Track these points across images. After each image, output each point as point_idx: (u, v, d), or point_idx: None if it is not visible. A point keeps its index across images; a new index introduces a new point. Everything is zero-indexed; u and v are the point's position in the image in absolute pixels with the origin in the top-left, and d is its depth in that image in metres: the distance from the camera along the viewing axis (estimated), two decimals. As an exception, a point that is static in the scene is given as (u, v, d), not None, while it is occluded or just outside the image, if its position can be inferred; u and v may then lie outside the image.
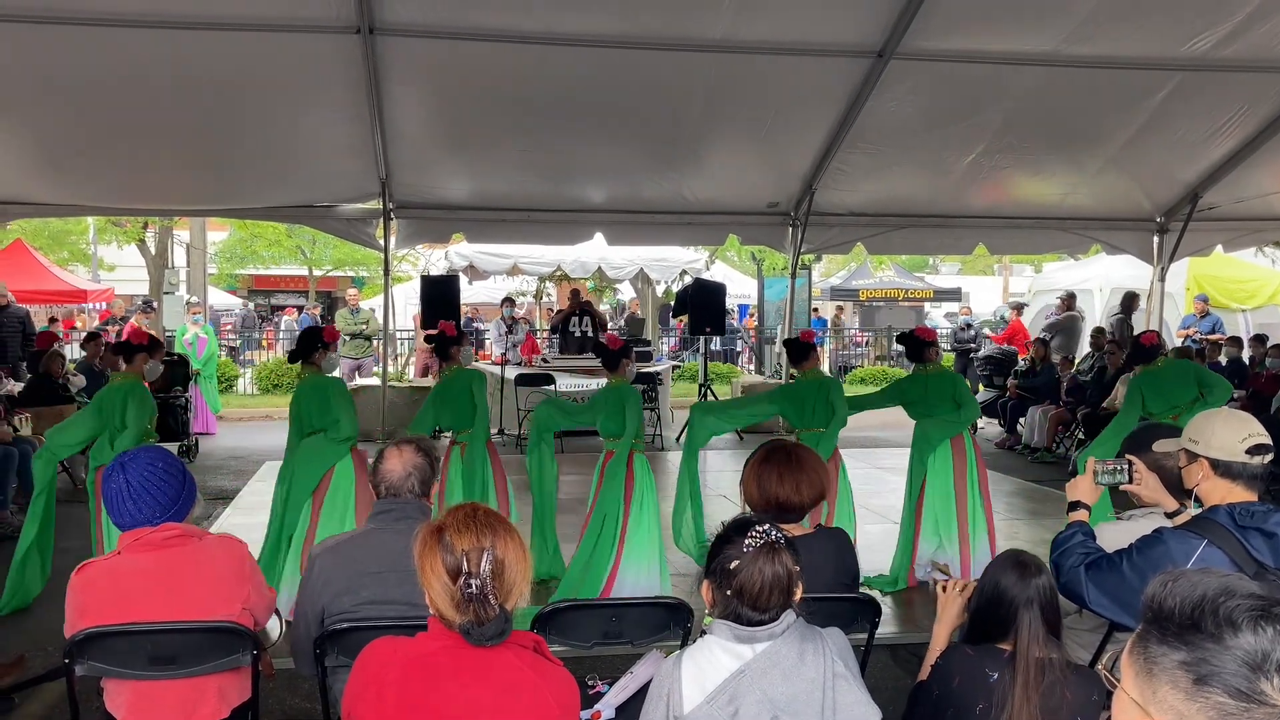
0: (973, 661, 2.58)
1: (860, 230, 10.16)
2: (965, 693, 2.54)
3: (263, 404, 15.83)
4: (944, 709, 2.58)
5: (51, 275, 17.75)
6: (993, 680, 2.51)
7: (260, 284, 34.17)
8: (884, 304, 26.72)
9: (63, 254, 22.36)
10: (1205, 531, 2.66)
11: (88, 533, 5.67)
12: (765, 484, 3.14)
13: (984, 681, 2.52)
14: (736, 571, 2.20)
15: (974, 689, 2.52)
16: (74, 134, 7.83)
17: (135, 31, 6.44)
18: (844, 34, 7.03)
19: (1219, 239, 10.79)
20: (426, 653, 2.06)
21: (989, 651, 2.59)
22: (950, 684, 2.58)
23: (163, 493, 2.84)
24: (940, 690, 2.61)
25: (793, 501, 3.11)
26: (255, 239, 25.38)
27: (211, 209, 11.19)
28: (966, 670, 2.57)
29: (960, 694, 2.54)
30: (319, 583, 2.85)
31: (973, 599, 2.75)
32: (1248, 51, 7.24)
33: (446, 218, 9.70)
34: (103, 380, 10.30)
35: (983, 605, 2.67)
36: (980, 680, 2.53)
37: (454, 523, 2.06)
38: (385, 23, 6.54)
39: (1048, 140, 8.67)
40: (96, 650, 2.75)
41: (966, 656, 2.62)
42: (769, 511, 3.10)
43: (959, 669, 2.59)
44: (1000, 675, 2.51)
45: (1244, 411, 2.91)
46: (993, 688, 2.49)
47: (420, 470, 2.96)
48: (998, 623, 2.61)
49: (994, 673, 2.52)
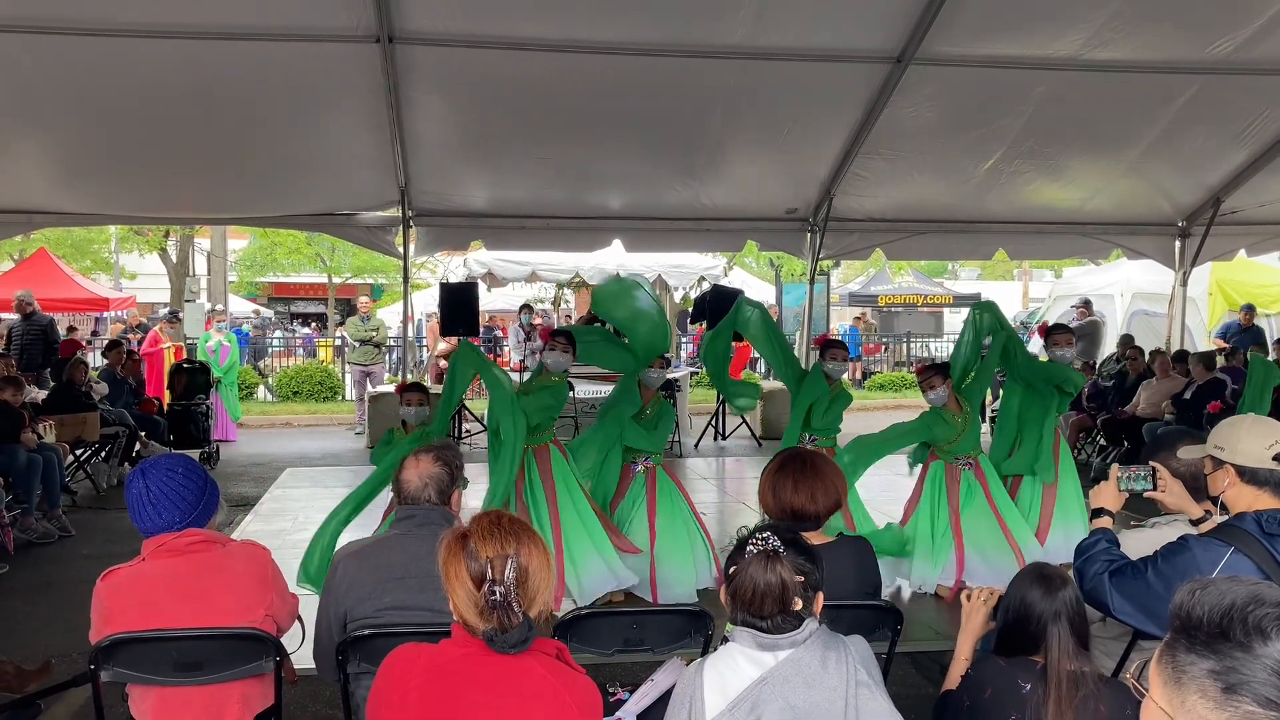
0: (1006, 673, 2.56)
1: (879, 236, 10.14)
2: (998, 704, 2.51)
3: (283, 411, 15.91)
4: (970, 717, 2.57)
5: (74, 284, 17.90)
6: (1025, 691, 2.48)
7: (280, 291, 34.39)
8: (903, 310, 26.61)
9: (85, 262, 22.57)
10: (1232, 539, 2.64)
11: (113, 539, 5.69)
12: (780, 492, 3.14)
13: (1017, 693, 2.49)
14: (734, 578, 2.22)
15: (1007, 700, 2.50)
16: (97, 144, 7.91)
17: (157, 42, 6.50)
18: (863, 39, 7.02)
19: (1242, 243, 10.72)
20: (450, 659, 2.07)
21: (1022, 663, 2.56)
22: (982, 695, 2.56)
23: (181, 499, 2.85)
24: (971, 701, 2.59)
25: (807, 510, 3.10)
26: (275, 247, 25.56)
27: (232, 217, 11.29)
28: (999, 681, 2.55)
29: (993, 705, 2.52)
30: (342, 588, 2.86)
31: (999, 616, 2.73)
32: (1270, 54, 7.20)
33: (465, 225, 9.74)
34: (125, 387, 10.41)
35: (1011, 622, 2.65)
36: (1013, 691, 2.50)
37: (479, 530, 2.07)
38: (405, 32, 6.58)
39: (1068, 145, 8.64)
40: (121, 656, 2.77)
41: (1000, 668, 2.59)
42: (785, 519, 3.09)
43: (992, 680, 2.57)
44: (1033, 686, 2.48)
45: (1271, 418, 2.89)
46: (1026, 699, 2.47)
47: (437, 480, 2.96)
48: (1027, 638, 2.58)
49: (1027, 684, 2.49)
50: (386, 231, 9.51)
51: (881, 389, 19.12)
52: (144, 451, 9.88)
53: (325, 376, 17.42)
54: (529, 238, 10.30)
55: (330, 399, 16.94)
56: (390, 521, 3.25)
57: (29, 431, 7.56)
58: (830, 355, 6.29)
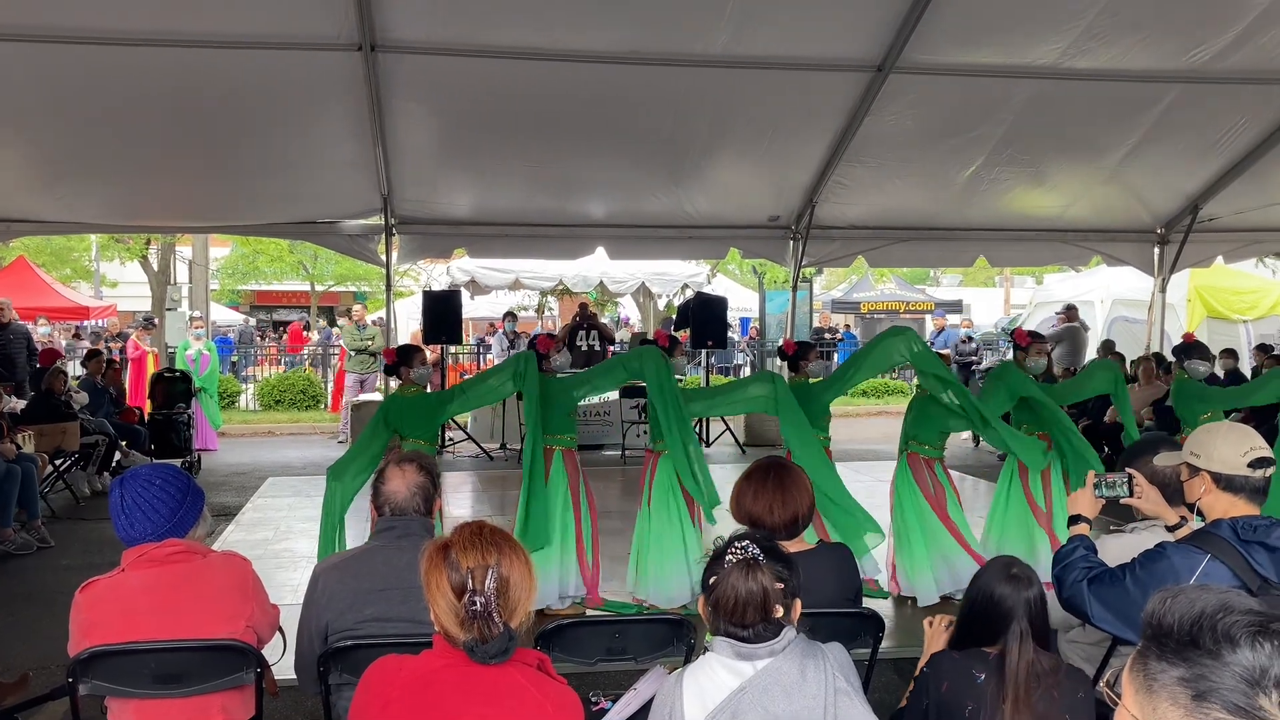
0: (959, 664, 2.62)
1: (861, 243, 10.19)
2: (953, 696, 2.56)
3: (265, 420, 15.83)
4: (934, 715, 2.60)
5: (54, 292, 17.81)
6: (980, 681, 2.54)
7: (262, 299, 34.24)
8: (885, 316, 26.74)
9: (65, 271, 22.42)
10: (1208, 546, 2.66)
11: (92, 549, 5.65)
12: (743, 499, 3.18)
13: (972, 683, 2.56)
14: (714, 587, 2.22)
15: (962, 691, 2.56)
16: (77, 152, 7.87)
17: (139, 50, 6.48)
18: (844, 48, 7.06)
19: (1220, 250, 10.81)
20: (430, 670, 2.07)
21: (975, 654, 2.63)
22: (939, 689, 2.61)
23: (155, 510, 2.82)
24: (930, 697, 2.64)
25: (765, 520, 3.11)
26: (257, 255, 25.44)
27: (214, 225, 11.24)
28: (954, 674, 2.60)
29: (948, 698, 2.57)
30: (322, 600, 2.85)
31: (963, 604, 2.77)
32: (1246, 63, 7.28)
33: (448, 233, 9.73)
34: (105, 397, 10.34)
35: (974, 611, 2.69)
36: (968, 681, 2.56)
37: (460, 540, 2.07)
38: (388, 40, 6.58)
39: (1048, 152, 8.71)
40: (100, 669, 2.75)
41: (953, 660, 2.65)
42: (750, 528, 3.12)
43: (947, 673, 2.63)
44: (987, 676, 2.53)
45: (1245, 425, 2.92)
46: (981, 689, 2.53)
47: (424, 489, 2.96)
48: (988, 628, 2.63)
49: (981, 674, 2.55)
50: (369, 239, 9.49)
51: (865, 395, 19.15)
52: (125, 461, 9.81)
53: (307, 385, 17.35)
54: (512, 245, 10.31)
55: (313, 407, 16.86)
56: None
57: (7, 442, 7.50)
58: (813, 357, 6.30)
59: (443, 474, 4.84)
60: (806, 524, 3.23)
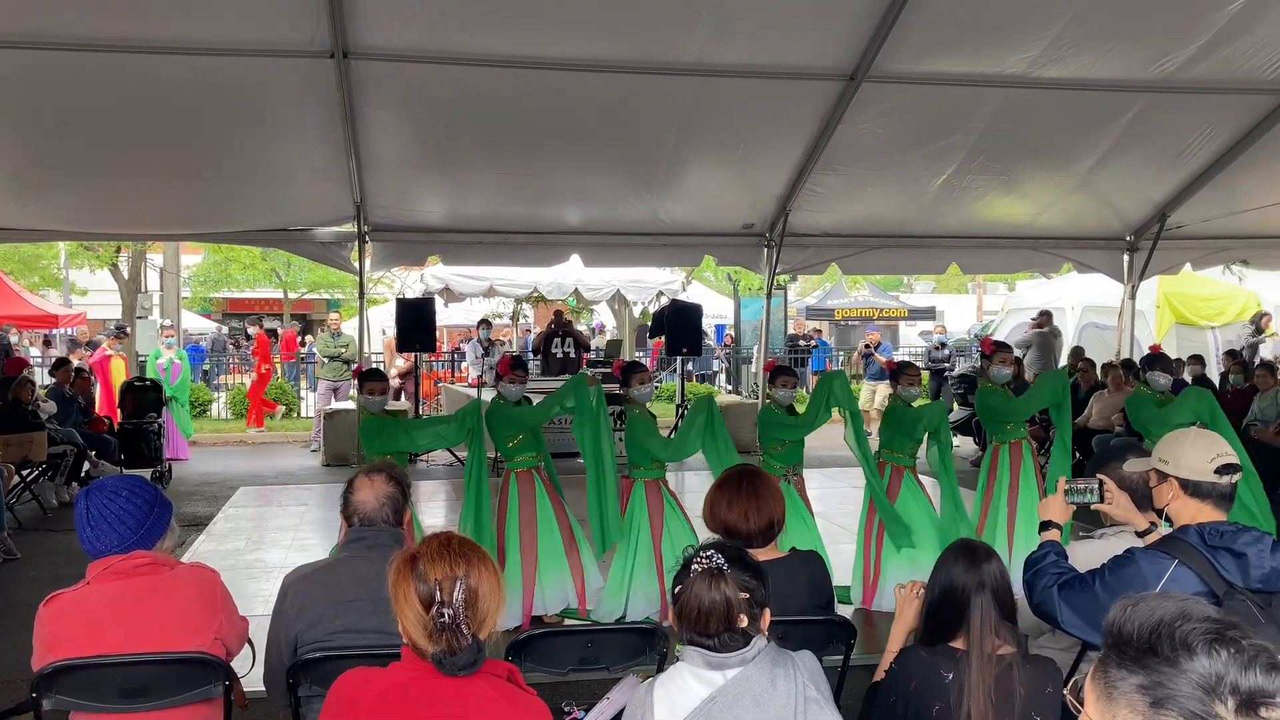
0: (927, 663, 2.63)
1: (835, 251, 10.22)
2: (922, 695, 2.57)
3: (236, 429, 15.69)
4: (901, 712, 2.61)
5: (22, 300, 17.55)
6: (948, 680, 2.55)
7: (235, 307, 33.96)
8: (859, 323, 26.90)
9: (34, 279, 22.15)
10: (1175, 551, 2.69)
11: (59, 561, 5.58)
12: (716, 508, 3.19)
13: (940, 682, 2.57)
14: (679, 596, 2.23)
15: (930, 690, 2.56)
16: (45, 159, 7.78)
17: (108, 56, 6.42)
18: (816, 57, 7.09)
19: (1187, 257, 10.94)
20: (399, 683, 2.06)
21: (943, 651, 2.64)
22: (908, 687, 2.62)
23: (122, 522, 2.78)
24: (897, 695, 2.64)
25: (740, 528, 3.12)
26: (229, 262, 25.24)
27: (185, 233, 11.13)
28: (922, 672, 2.62)
29: (916, 697, 2.58)
30: (292, 611, 2.83)
31: (927, 592, 2.78)
32: (1212, 73, 7.37)
33: (422, 240, 9.68)
34: (74, 406, 10.22)
35: (937, 599, 2.71)
36: (936, 681, 2.57)
37: (428, 552, 2.06)
38: (360, 47, 6.55)
39: (1019, 161, 8.77)
40: (65, 683, 2.71)
41: (921, 658, 2.66)
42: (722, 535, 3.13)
43: (916, 671, 2.64)
44: (955, 675, 2.54)
45: (1213, 432, 2.95)
46: (948, 688, 2.54)
47: (393, 500, 2.95)
48: (953, 611, 2.65)
49: (949, 673, 2.56)
50: (342, 247, 9.43)
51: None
52: (94, 471, 9.71)
53: (280, 394, 17.22)
54: (486, 253, 10.27)
55: (286, 416, 16.74)
56: None
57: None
58: (780, 383, 6.13)
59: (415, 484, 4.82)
60: (780, 530, 3.24)
